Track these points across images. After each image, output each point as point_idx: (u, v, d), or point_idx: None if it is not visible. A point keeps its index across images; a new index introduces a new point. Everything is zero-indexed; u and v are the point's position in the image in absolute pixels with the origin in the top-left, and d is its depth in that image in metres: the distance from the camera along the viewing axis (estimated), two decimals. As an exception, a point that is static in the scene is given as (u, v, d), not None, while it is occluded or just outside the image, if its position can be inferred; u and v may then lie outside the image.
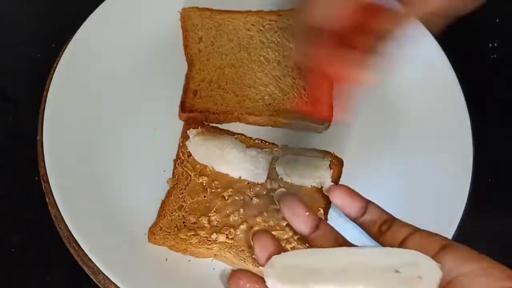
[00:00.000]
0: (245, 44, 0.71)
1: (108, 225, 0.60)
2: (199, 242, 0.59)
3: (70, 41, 0.67)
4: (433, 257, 0.44)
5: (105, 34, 0.69)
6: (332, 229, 0.50)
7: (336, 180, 0.64)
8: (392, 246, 0.47)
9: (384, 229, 0.47)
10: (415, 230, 0.46)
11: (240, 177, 0.63)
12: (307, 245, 0.60)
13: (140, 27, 0.70)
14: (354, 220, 0.49)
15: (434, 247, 0.44)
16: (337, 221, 0.53)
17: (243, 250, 0.59)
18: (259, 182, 0.62)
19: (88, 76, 0.67)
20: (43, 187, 0.62)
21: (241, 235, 0.60)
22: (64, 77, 0.65)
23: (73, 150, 0.63)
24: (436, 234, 0.45)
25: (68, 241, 0.60)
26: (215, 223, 0.60)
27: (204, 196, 0.62)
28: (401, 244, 0.46)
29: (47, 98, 0.64)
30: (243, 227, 0.60)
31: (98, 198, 0.61)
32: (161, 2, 0.72)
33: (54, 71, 0.66)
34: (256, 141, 0.65)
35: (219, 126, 0.67)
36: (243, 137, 0.66)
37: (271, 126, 0.68)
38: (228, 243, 0.59)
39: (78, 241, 0.58)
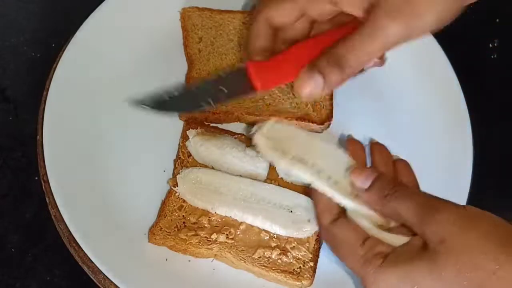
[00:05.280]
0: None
1: (108, 225, 0.60)
2: (199, 242, 0.59)
3: (70, 41, 0.67)
4: None
5: (105, 34, 0.69)
6: None
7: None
8: None
9: None
10: None
11: (240, 177, 0.63)
12: (307, 245, 0.60)
13: (140, 27, 0.70)
14: None
15: None
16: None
17: (243, 250, 0.59)
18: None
19: (88, 76, 0.67)
20: (43, 187, 0.61)
21: (241, 235, 0.60)
22: (64, 77, 0.65)
23: (73, 150, 0.63)
24: None
25: (68, 241, 0.60)
26: (215, 223, 0.60)
27: (204, 196, 0.62)
28: None
29: (47, 98, 0.64)
30: (243, 227, 0.60)
31: (98, 198, 0.61)
32: (161, 2, 0.72)
33: (54, 71, 0.66)
34: (256, 141, 0.65)
35: (219, 126, 0.67)
36: (243, 137, 0.66)
37: (271, 126, 0.68)
38: (228, 243, 0.59)
39: (78, 241, 0.58)
